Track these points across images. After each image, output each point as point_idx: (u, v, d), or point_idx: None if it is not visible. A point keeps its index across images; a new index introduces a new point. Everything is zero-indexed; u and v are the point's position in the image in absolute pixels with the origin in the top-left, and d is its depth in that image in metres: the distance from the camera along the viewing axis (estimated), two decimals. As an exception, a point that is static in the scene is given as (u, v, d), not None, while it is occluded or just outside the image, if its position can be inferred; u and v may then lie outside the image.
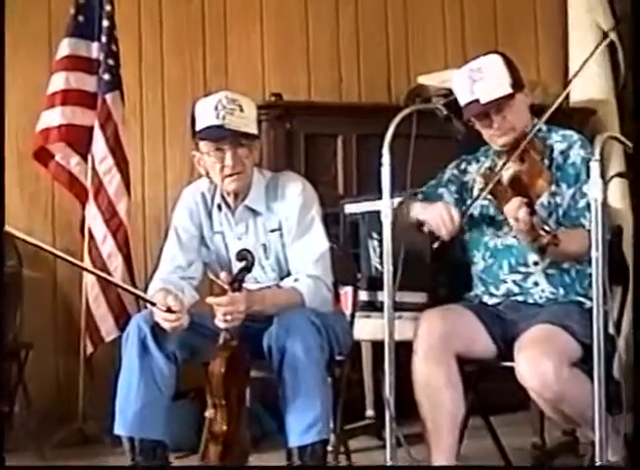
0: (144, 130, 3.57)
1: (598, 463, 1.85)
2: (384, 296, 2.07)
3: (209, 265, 2.41)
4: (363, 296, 2.71)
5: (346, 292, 2.54)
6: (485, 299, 2.33)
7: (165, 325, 2.13)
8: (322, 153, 3.42)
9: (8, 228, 2.17)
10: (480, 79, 2.21)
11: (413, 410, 2.14)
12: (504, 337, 2.22)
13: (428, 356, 2.13)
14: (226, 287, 2.12)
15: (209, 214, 2.38)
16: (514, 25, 3.91)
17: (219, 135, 2.22)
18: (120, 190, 3.14)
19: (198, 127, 2.26)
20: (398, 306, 2.13)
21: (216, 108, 2.22)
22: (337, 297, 2.48)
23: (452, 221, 2.19)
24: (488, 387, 2.32)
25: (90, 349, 3.14)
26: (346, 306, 2.53)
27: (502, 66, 2.24)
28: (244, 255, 2.14)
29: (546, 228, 2.02)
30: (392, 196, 2.09)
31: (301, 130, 3.37)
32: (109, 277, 2.84)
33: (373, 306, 2.70)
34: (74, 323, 3.30)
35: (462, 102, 2.25)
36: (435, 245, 2.19)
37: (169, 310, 2.11)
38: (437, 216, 2.19)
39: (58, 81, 3.16)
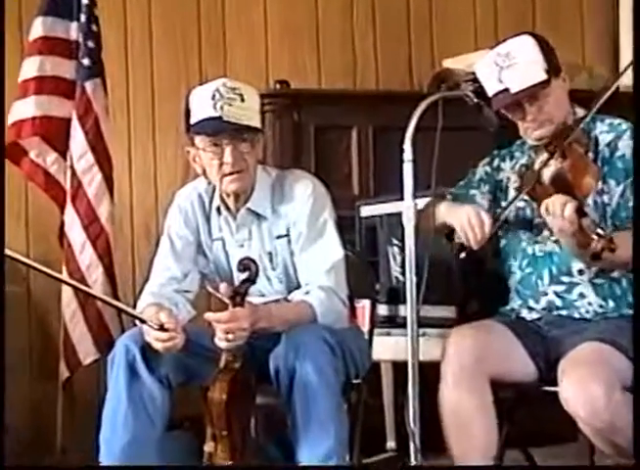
0: (131, 123, 3.58)
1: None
2: (406, 310, 2.07)
3: (208, 277, 2.42)
4: (382, 310, 2.73)
5: (363, 306, 2.56)
6: (524, 313, 2.33)
7: (157, 345, 2.13)
8: (334, 148, 3.43)
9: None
10: (510, 66, 2.20)
11: (440, 442, 2.14)
12: (546, 357, 2.22)
13: (457, 380, 2.12)
14: (227, 301, 2.13)
15: (207, 219, 2.39)
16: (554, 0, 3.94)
17: (217, 128, 2.23)
18: (101, 191, 3.14)
19: (193, 120, 2.27)
20: (423, 322, 2.13)
21: (213, 97, 2.22)
22: (352, 311, 2.49)
23: (482, 228, 2.17)
24: (528, 415, 2.32)
25: (66, 373, 3.15)
26: (364, 322, 2.54)
27: (535, 48, 2.22)
28: (246, 264, 2.16)
29: (599, 232, 1.98)
30: (415, 196, 2.09)
31: (311, 122, 3.38)
32: (92, 291, 2.81)
33: (394, 322, 2.72)
34: (52, 344, 3.32)
35: (490, 92, 2.24)
36: (462, 254, 2.19)
37: (162, 328, 2.12)
38: (465, 221, 2.18)
39: (31, 67, 3.14)
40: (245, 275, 2.15)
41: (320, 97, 3.49)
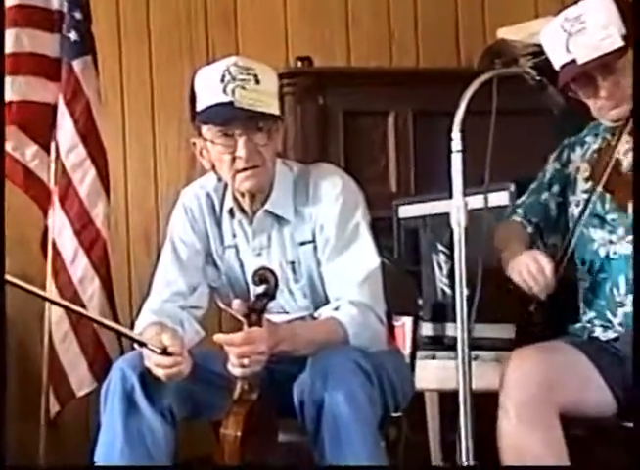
0: (125, 110, 3.62)
1: None
2: (455, 329, 2.08)
3: (219, 291, 2.44)
4: (427, 329, 2.76)
5: (404, 324, 2.58)
6: (597, 332, 2.33)
7: (160, 372, 2.13)
8: (368, 136, 3.45)
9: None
10: (579, 32, 2.20)
11: (498, 485, 2.14)
12: (625, 386, 2.19)
13: (520, 415, 2.10)
14: (241, 319, 2.13)
15: (218, 223, 2.41)
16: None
17: (228, 116, 2.24)
18: (95, 190, 3.17)
19: (199, 106, 2.28)
20: (476, 344, 2.14)
21: (223, 79, 2.24)
22: (391, 330, 2.49)
23: (543, 273, 2.23)
24: (605, 455, 2.34)
25: (56, 407, 3.17)
26: (404, 344, 2.55)
27: (611, 9, 2.21)
28: (264, 276, 2.17)
29: None
30: (466, 194, 2.10)
31: (339, 106, 3.40)
32: (80, 310, 2.81)
33: (440, 344, 2.74)
34: (33, 373, 3.34)
35: (556, 64, 2.25)
36: (532, 308, 2.25)
37: (165, 352, 2.12)
38: (524, 271, 2.24)
39: (5, 42, 3.15)
40: (262, 289, 2.15)
41: (350, 76, 3.50)
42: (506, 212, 2.54)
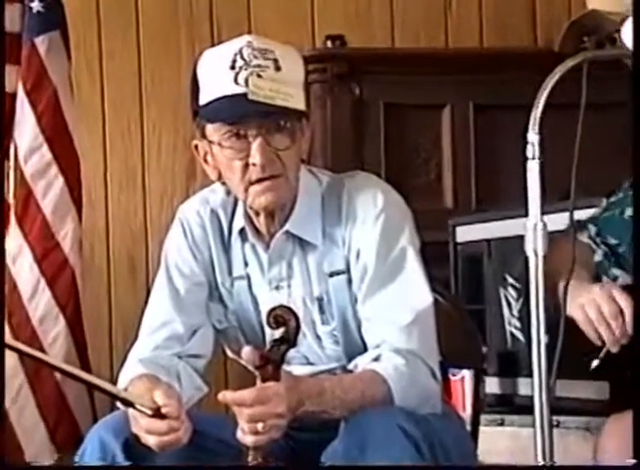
0: (106, 101, 3.66)
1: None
2: (530, 386, 2.06)
3: (225, 334, 2.44)
4: (493, 386, 2.75)
5: (463, 378, 2.61)
6: None
7: (150, 440, 2.13)
8: (416, 137, 3.45)
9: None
10: None
11: None
12: None
13: None
14: (254, 372, 2.12)
15: (226, 248, 2.42)
16: None
17: (240, 112, 2.24)
18: (64, 204, 3.21)
19: (203, 99, 2.28)
20: (558, 406, 2.14)
21: (234, 65, 2.24)
22: (446, 387, 2.49)
23: (620, 319, 2.20)
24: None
25: (5, 485, 3.18)
26: (463, 405, 2.58)
27: None
28: (282, 316, 2.15)
29: None
30: (544, 211, 2.08)
31: (379, 99, 3.43)
32: (46, 358, 2.76)
33: (510, 405, 2.72)
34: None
35: None
36: (594, 363, 2.23)
37: (157, 414, 2.12)
38: (594, 314, 2.22)
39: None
40: (280, 333, 2.14)
41: (393, 61, 3.52)
42: (566, 227, 2.41)
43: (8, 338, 2.17)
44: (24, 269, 3.24)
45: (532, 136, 2.09)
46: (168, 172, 3.64)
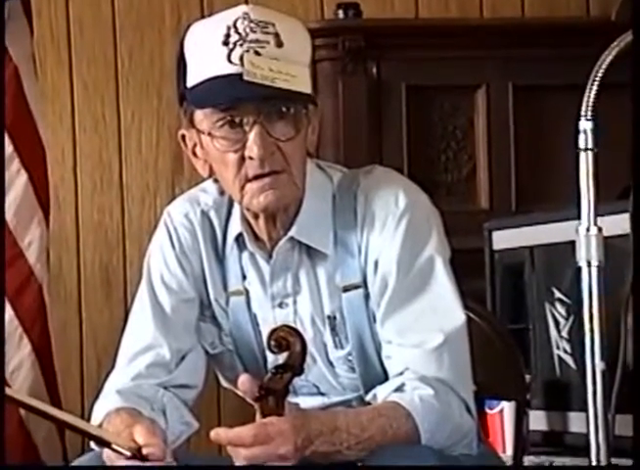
0: (75, 83, 3.63)
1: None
2: (584, 423, 2.06)
3: (219, 360, 2.41)
4: (538, 421, 2.71)
5: (502, 411, 2.63)
6: None
7: None
8: (444, 124, 3.43)
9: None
10: None
11: None
12: None
13: None
14: (252, 404, 2.10)
15: (219, 258, 2.39)
16: None
17: (235, 95, 2.21)
18: (29, 207, 3.19)
19: (191, 80, 2.26)
20: (617, 447, 2.10)
21: (228, 40, 2.22)
22: (482, 422, 2.52)
23: None
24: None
25: None
26: (502, 442, 2.63)
27: None
28: (284, 339, 2.11)
29: None
30: (598, 213, 2.08)
31: (401, 79, 3.42)
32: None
33: (560, 445, 2.70)
34: None
35: None
36: None
37: (138, 456, 2.10)
38: None
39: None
40: (283, 358, 2.11)
41: (416, 34, 3.49)
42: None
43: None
44: (-18, 286, 3.19)
45: (585, 123, 2.10)
46: (149, 168, 3.63)
